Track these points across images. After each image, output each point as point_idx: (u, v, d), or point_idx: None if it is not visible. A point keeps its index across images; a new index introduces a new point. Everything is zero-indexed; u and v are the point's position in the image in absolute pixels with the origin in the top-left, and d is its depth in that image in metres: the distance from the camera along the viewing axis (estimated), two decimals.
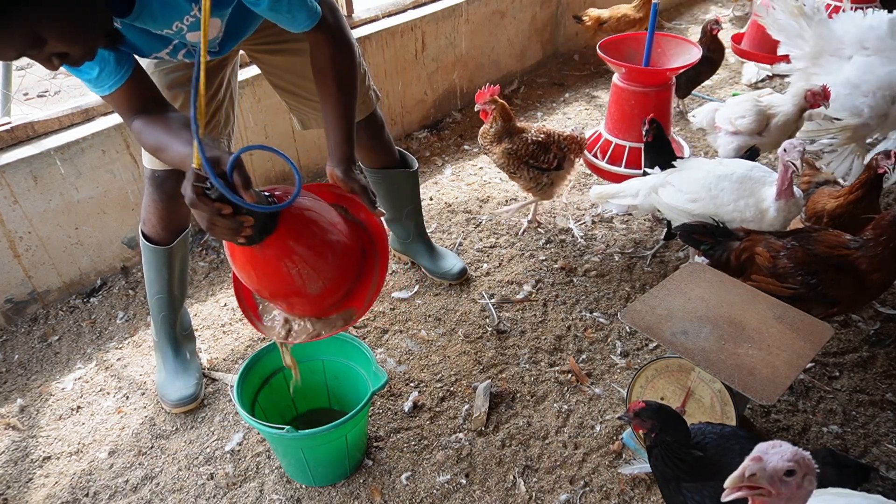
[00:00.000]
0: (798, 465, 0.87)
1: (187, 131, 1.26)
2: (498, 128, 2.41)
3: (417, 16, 3.15)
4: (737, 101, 2.62)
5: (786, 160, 1.91)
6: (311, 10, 1.38)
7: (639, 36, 2.87)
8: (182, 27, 1.30)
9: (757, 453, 0.89)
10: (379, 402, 1.93)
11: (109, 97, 1.32)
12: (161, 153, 1.31)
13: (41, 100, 3.25)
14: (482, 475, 1.71)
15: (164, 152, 1.30)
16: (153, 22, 1.25)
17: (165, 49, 1.38)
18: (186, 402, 1.90)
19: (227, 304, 2.32)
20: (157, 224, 1.78)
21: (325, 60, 1.46)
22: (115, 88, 1.29)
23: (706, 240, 1.94)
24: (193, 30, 1.33)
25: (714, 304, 1.59)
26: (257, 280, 1.26)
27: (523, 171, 2.42)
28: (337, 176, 1.45)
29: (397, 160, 2.14)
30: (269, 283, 1.25)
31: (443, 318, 2.22)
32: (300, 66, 1.71)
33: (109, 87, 1.29)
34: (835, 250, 1.76)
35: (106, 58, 1.25)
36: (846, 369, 1.98)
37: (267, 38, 1.67)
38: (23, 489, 1.73)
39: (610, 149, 2.83)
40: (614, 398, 1.91)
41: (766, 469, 0.87)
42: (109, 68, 1.26)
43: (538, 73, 4.01)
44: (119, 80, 1.29)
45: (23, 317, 2.28)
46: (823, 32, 2.57)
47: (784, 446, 0.89)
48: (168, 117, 1.32)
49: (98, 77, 1.27)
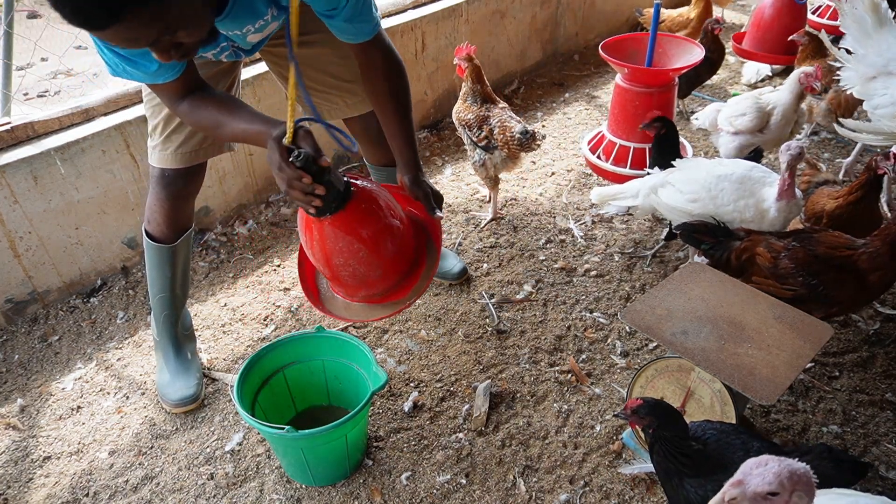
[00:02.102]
0: (782, 486, 0.84)
1: (243, 109, 1.35)
2: (468, 87, 2.50)
3: (417, 16, 3.15)
4: (736, 101, 2.62)
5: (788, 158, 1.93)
6: (375, 21, 1.46)
7: (640, 36, 2.87)
8: (251, 29, 1.36)
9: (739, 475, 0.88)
10: (379, 402, 1.93)
11: (164, 86, 1.36)
12: (218, 129, 1.37)
13: (41, 100, 3.26)
14: (482, 475, 1.71)
15: (221, 128, 1.36)
16: (231, 23, 1.30)
17: (213, 49, 1.42)
18: (187, 402, 1.90)
19: (226, 304, 2.32)
20: (163, 223, 1.79)
21: (381, 72, 1.56)
22: (172, 79, 1.34)
23: (707, 239, 1.94)
24: (259, 32, 1.40)
25: (714, 304, 1.59)
26: (318, 252, 1.36)
27: (463, 135, 2.54)
28: (405, 183, 1.57)
29: None
30: (327, 257, 1.35)
31: (443, 318, 2.22)
32: (314, 58, 1.74)
33: (165, 78, 1.33)
34: (836, 251, 1.76)
35: None
36: (846, 369, 1.98)
37: (282, 32, 1.68)
38: (23, 489, 1.73)
39: (614, 150, 2.84)
40: (614, 398, 1.91)
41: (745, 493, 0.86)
42: (169, 63, 1.29)
43: (538, 73, 4.01)
44: (177, 72, 1.33)
45: (23, 317, 2.28)
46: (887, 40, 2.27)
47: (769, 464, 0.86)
48: (219, 97, 1.39)
49: (157, 70, 1.30)
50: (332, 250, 1.34)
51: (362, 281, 1.43)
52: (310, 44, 1.71)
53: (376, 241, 1.36)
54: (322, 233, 1.32)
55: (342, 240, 1.32)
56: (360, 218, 1.33)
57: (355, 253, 1.34)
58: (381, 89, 1.57)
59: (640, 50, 2.83)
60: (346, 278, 1.41)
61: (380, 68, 1.56)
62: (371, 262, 1.38)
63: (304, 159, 1.18)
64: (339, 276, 1.41)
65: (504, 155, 2.44)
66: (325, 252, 1.35)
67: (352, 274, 1.39)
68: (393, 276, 1.47)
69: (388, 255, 1.41)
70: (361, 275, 1.40)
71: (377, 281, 1.45)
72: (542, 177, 3.00)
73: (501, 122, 2.41)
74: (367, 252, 1.35)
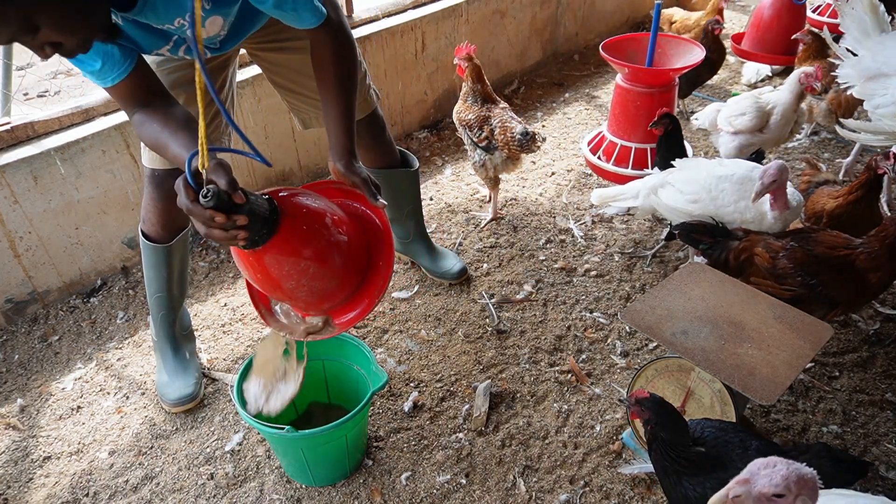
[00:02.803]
0: (788, 489, 0.84)
1: (185, 131, 1.26)
2: (468, 87, 2.49)
3: (417, 16, 3.15)
4: (736, 101, 2.62)
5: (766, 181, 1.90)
6: (316, 9, 1.38)
7: (641, 36, 2.87)
8: (184, 23, 1.29)
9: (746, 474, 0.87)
10: (379, 402, 1.93)
11: (112, 89, 1.32)
12: (159, 151, 1.32)
13: (41, 100, 3.25)
14: (482, 475, 1.71)
15: (162, 151, 1.31)
16: (155, 17, 1.24)
17: (166, 45, 1.38)
18: (186, 401, 1.90)
19: (226, 304, 2.32)
20: (157, 223, 1.79)
21: (326, 57, 1.47)
22: (117, 81, 1.30)
23: (705, 239, 1.94)
24: (203, 26, 1.32)
25: (714, 304, 1.59)
26: (263, 282, 1.26)
27: (463, 135, 2.53)
28: (338, 170, 1.44)
29: (398, 160, 2.14)
30: (275, 284, 1.25)
31: (443, 318, 2.22)
32: (301, 63, 1.71)
33: (112, 79, 1.29)
34: (834, 251, 1.76)
35: (109, 51, 1.25)
36: (846, 369, 1.98)
37: (269, 36, 1.67)
38: (23, 489, 1.73)
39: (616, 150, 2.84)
40: (614, 398, 1.91)
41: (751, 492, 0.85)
42: (113, 61, 1.27)
43: (538, 73, 4.01)
44: (122, 73, 1.29)
45: (23, 317, 2.28)
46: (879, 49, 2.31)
47: (777, 466, 0.86)
48: (168, 113, 1.32)
49: (101, 69, 1.27)
50: (280, 276, 1.23)
51: (321, 296, 1.34)
52: (294, 49, 1.70)
53: (322, 253, 1.26)
54: (261, 263, 1.21)
55: (286, 263, 1.21)
56: (298, 236, 1.20)
57: (304, 272, 1.24)
58: (325, 71, 1.48)
59: (640, 50, 2.83)
60: (304, 297, 1.32)
61: (326, 51, 1.47)
62: (324, 275, 1.28)
63: (215, 197, 1.05)
64: (295, 297, 1.32)
65: (504, 156, 2.44)
66: (273, 280, 1.25)
67: (308, 292, 1.30)
68: (352, 279, 1.38)
69: (339, 262, 1.31)
70: (319, 290, 1.31)
71: (336, 291, 1.36)
72: (542, 177, 3.00)
73: (502, 123, 2.41)
74: (317, 267, 1.25)
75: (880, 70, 2.22)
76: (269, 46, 1.71)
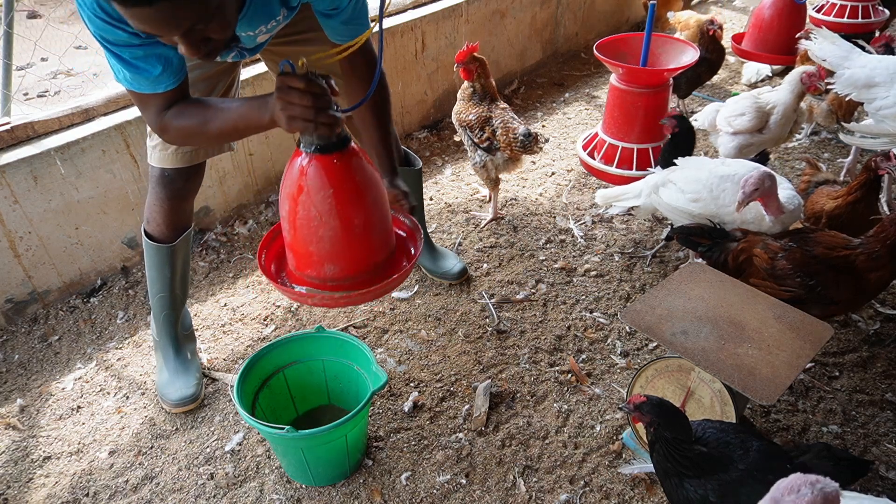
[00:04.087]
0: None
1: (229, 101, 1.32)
2: (479, 85, 2.47)
3: (417, 16, 3.15)
4: (735, 101, 2.62)
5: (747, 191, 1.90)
6: (368, 27, 1.47)
7: (635, 37, 2.87)
8: (263, 30, 1.36)
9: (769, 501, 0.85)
10: (379, 402, 1.93)
11: (159, 95, 1.31)
12: (206, 125, 1.32)
13: (41, 100, 3.26)
14: (482, 475, 1.71)
15: (209, 123, 1.32)
16: (246, 24, 1.29)
17: None
18: (187, 401, 1.90)
19: (226, 304, 2.32)
20: (162, 223, 1.79)
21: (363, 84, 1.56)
22: (170, 88, 1.31)
23: (703, 241, 1.94)
24: (269, 32, 1.40)
25: (714, 304, 1.59)
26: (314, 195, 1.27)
27: (463, 136, 2.52)
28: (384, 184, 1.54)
29: (402, 160, 2.15)
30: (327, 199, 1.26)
31: (443, 318, 2.22)
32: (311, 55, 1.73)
33: (166, 86, 1.30)
34: (833, 251, 1.76)
35: (170, 57, 1.26)
36: (846, 369, 1.98)
37: (284, 33, 1.68)
38: (23, 489, 1.73)
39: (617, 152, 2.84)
40: (614, 398, 1.91)
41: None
42: (172, 69, 1.28)
43: (538, 73, 4.01)
44: (177, 81, 1.31)
45: (23, 317, 2.28)
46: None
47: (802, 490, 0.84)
48: (201, 100, 1.37)
49: (159, 75, 1.27)
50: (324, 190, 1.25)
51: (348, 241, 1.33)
52: (306, 41, 1.70)
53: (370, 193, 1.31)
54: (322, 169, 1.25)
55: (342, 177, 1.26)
56: (360, 164, 1.28)
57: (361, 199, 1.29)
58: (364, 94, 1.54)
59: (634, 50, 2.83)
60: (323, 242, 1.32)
61: (363, 77, 1.57)
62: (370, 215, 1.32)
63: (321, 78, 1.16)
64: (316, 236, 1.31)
65: (506, 156, 2.44)
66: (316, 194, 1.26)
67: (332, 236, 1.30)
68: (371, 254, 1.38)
69: (376, 214, 1.35)
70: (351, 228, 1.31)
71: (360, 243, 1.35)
72: (542, 177, 3.00)
73: (504, 123, 2.41)
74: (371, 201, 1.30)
75: (872, 80, 2.31)
76: (284, 41, 1.72)
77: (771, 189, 1.91)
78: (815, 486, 0.84)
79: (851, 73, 2.34)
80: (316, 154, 1.24)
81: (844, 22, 3.42)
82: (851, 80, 2.35)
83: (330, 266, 1.35)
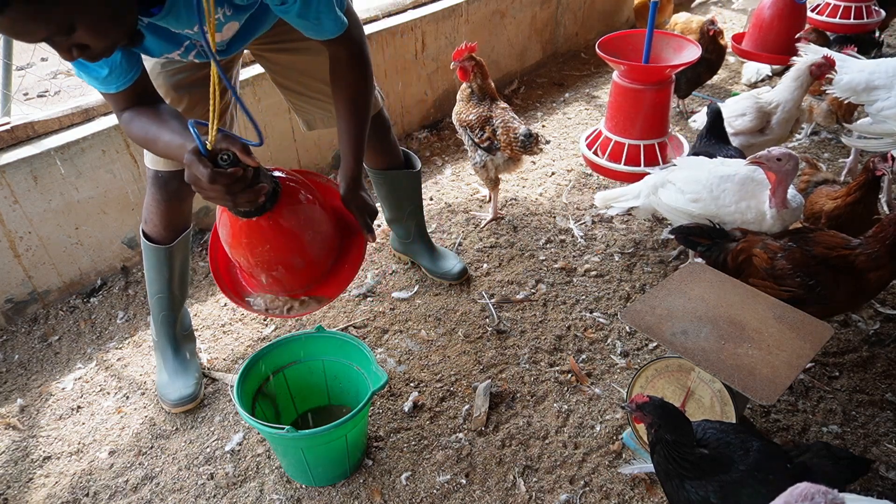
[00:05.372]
0: None
1: (176, 121, 1.28)
2: (474, 85, 2.47)
3: (417, 16, 3.15)
4: (735, 101, 2.62)
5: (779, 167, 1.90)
6: (339, 20, 1.40)
7: (637, 34, 2.87)
8: (204, 28, 1.30)
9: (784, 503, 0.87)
10: (379, 402, 1.93)
11: (113, 95, 1.32)
12: (149, 144, 1.32)
13: (41, 100, 3.25)
14: (482, 475, 1.71)
15: (152, 142, 1.30)
16: (176, 22, 1.25)
17: (177, 50, 1.39)
18: (186, 401, 1.90)
19: (226, 305, 2.32)
20: (159, 224, 1.79)
21: (342, 76, 1.50)
22: (122, 89, 1.30)
23: (702, 241, 1.94)
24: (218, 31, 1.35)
25: (714, 304, 1.59)
26: (252, 250, 1.33)
27: (463, 136, 2.52)
28: (341, 193, 1.52)
29: (402, 161, 2.14)
30: (265, 252, 1.33)
31: (443, 318, 2.22)
32: (308, 64, 1.71)
33: (117, 87, 1.29)
34: (833, 251, 1.76)
35: (116, 58, 1.25)
36: (846, 369, 1.98)
37: (274, 38, 1.67)
38: (23, 489, 1.73)
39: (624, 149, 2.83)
40: (614, 398, 1.91)
41: None
42: (119, 69, 1.27)
43: (538, 73, 4.01)
44: (128, 81, 1.29)
45: (23, 317, 2.28)
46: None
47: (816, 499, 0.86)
48: (156, 109, 1.33)
49: (107, 77, 1.27)
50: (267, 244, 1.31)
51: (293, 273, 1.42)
52: (300, 50, 1.69)
53: (306, 232, 1.36)
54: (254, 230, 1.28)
55: (275, 233, 1.29)
56: (296, 206, 1.31)
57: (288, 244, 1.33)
58: (340, 89, 1.52)
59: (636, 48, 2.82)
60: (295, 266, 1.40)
61: (343, 68, 1.50)
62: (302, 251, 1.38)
63: (231, 161, 1.13)
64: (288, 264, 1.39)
65: (506, 156, 2.44)
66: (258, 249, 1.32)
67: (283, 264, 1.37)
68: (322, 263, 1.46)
69: (317, 242, 1.41)
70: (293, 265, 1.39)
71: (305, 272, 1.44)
72: (542, 177, 3.00)
73: (505, 123, 2.40)
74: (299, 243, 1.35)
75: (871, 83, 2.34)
76: (275, 48, 1.71)
77: (789, 173, 1.90)
78: (827, 496, 0.87)
79: (851, 78, 2.36)
80: (245, 219, 1.25)
81: (838, 22, 3.42)
82: (850, 84, 2.37)
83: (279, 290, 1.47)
